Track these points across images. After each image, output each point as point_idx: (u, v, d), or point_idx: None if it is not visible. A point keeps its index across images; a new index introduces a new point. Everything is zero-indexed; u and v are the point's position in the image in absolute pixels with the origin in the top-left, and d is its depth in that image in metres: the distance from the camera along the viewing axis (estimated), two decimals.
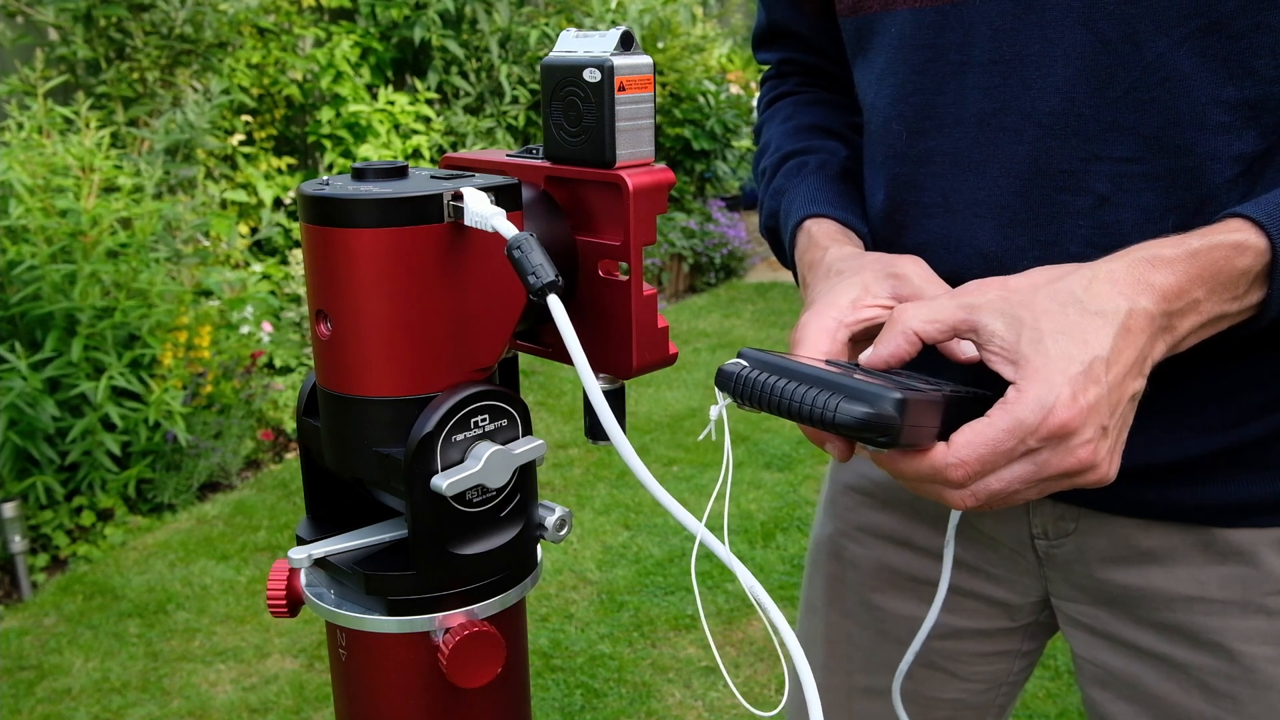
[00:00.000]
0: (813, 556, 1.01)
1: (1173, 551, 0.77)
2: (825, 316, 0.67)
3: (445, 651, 0.53)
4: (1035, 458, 0.56)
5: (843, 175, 0.86)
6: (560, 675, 2.35)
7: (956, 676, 0.93)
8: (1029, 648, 0.93)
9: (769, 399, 0.56)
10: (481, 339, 0.54)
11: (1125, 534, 0.79)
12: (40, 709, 2.22)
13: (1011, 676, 0.95)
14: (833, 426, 0.55)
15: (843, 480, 0.96)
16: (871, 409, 0.54)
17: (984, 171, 0.71)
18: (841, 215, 0.81)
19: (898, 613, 0.92)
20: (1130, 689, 0.82)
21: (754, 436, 3.65)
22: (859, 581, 0.95)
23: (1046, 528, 0.82)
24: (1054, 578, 0.85)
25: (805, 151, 0.88)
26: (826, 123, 0.92)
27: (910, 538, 0.90)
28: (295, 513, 3.07)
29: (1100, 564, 0.80)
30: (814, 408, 0.55)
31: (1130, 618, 0.81)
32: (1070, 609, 0.85)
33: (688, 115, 5.93)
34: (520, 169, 0.59)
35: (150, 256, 3.07)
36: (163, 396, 2.87)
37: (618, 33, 0.54)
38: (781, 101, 0.97)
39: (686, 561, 2.81)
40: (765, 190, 0.90)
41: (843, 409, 0.54)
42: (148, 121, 3.84)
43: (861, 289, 0.69)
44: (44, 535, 2.83)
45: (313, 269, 0.52)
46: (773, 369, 0.57)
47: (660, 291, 5.29)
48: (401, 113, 4.48)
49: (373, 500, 0.61)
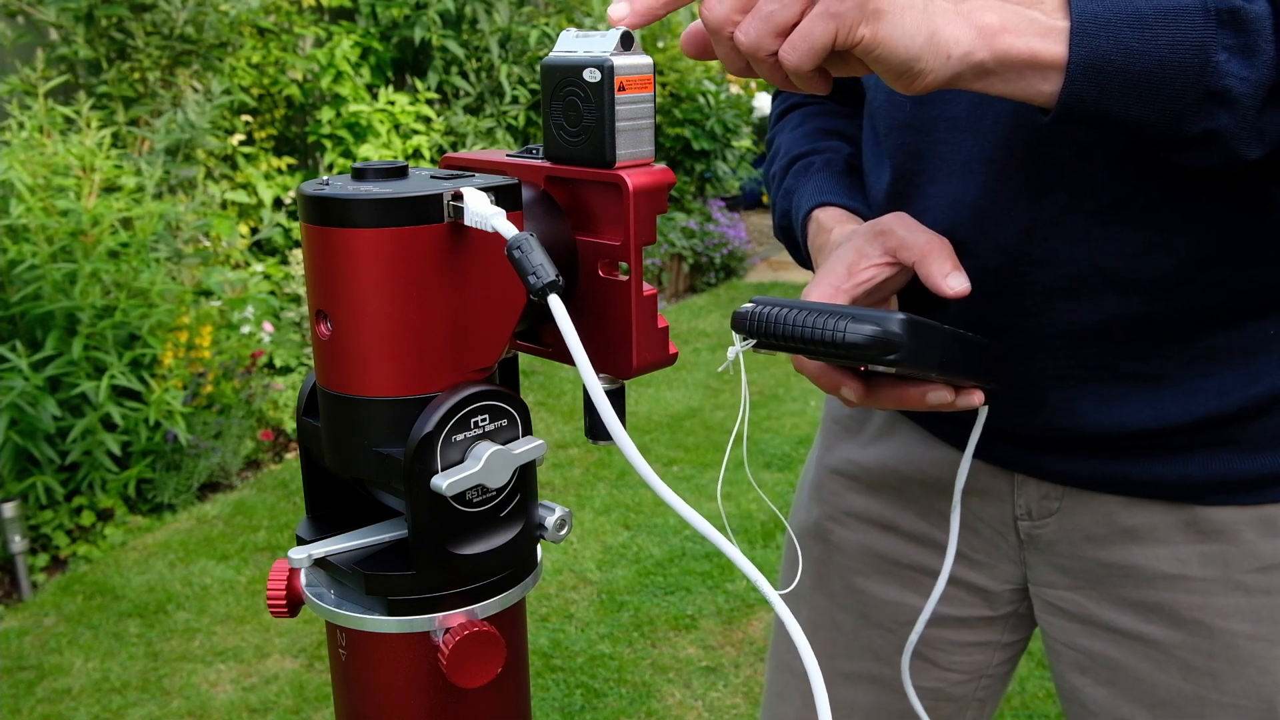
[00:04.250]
0: (798, 543, 1.02)
1: (1155, 530, 0.79)
2: (822, 284, 0.72)
3: (445, 651, 0.53)
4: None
5: (847, 170, 0.89)
6: (560, 675, 2.35)
7: (935, 665, 0.94)
8: (1009, 639, 0.94)
9: (783, 330, 0.61)
10: (481, 339, 0.54)
11: (1109, 512, 0.80)
12: (40, 709, 2.22)
13: (991, 669, 0.96)
14: (844, 347, 0.59)
15: (829, 465, 0.98)
16: (879, 327, 0.59)
17: (978, 130, 0.73)
18: (846, 202, 0.84)
19: (881, 597, 0.94)
20: (1109, 672, 0.83)
21: (754, 436, 3.65)
22: (844, 565, 0.96)
23: (1031, 507, 0.84)
24: (1034, 562, 0.86)
25: (811, 153, 0.92)
26: (832, 126, 0.95)
27: (896, 522, 0.92)
28: (295, 513, 3.07)
29: (1083, 542, 0.82)
30: (825, 330, 0.60)
31: (1109, 599, 0.82)
32: (1048, 594, 0.86)
33: (688, 115, 5.94)
34: (520, 169, 0.59)
35: (151, 256, 3.07)
36: (163, 396, 2.87)
37: (618, 33, 0.54)
38: (792, 112, 1.00)
39: (687, 561, 2.81)
40: (776, 193, 0.93)
41: (851, 329, 0.59)
42: (148, 121, 3.84)
43: (855, 254, 0.73)
44: (44, 535, 2.83)
45: (312, 269, 0.52)
46: (785, 305, 0.62)
47: (660, 291, 5.29)
48: (401, 113, 4.48)
49: (373, 500, 0.61)
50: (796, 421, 3.79)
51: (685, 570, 2.77)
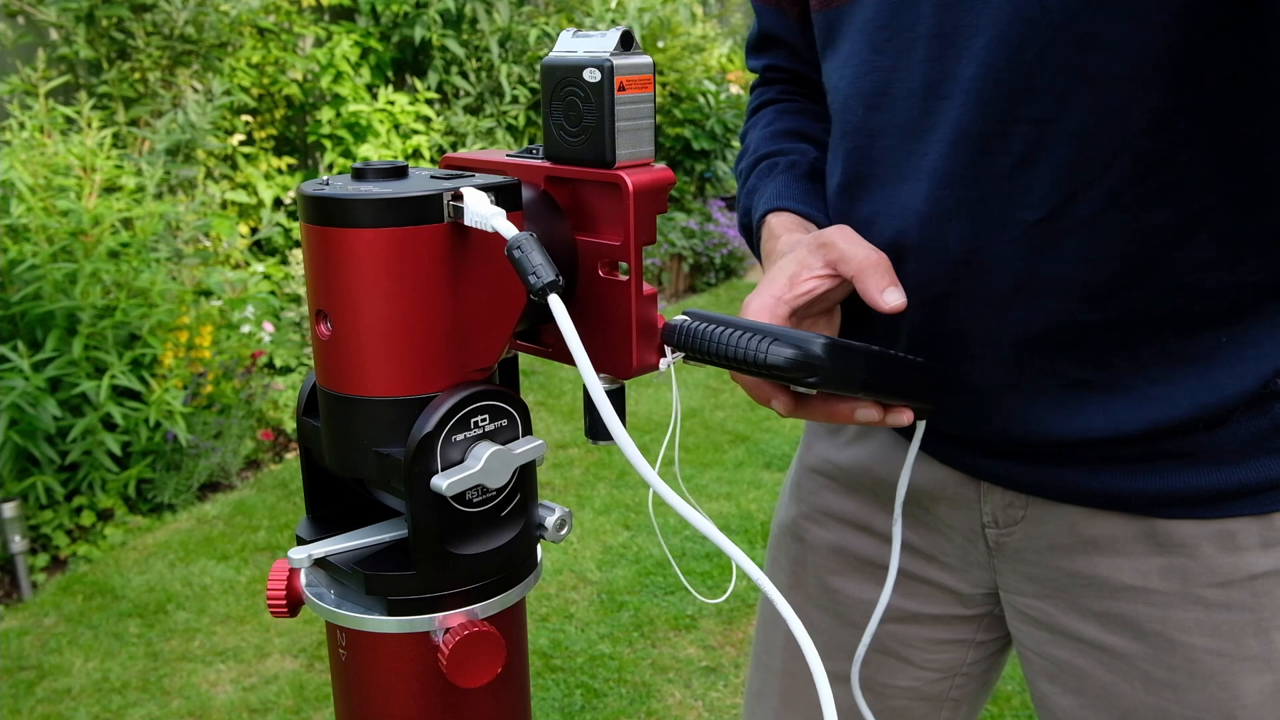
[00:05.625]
0: (776, 541, 1.02)
1: (1116, 541, 0.79)
2: (764, 295, 0.72)
3: (445, 651, 0.53)
4: None
5: (810, 174, 0.90)
6: (560, 675, 2.35)
7: (910, 663, 0.95)
8: (984, 638, 0.94)
9: (708, 346, 0.61)
10: (481, 339, 0.54)
11: (1072, 521, 0.80)
12: (40, 709, 2.22)
13: (965, 667, 0.96)
14: (764, 367, 0.60)
15: (807, 464, 0.98)
16: (799, 350, 0.59)
17: (927, 139, 0.74)
18: (801, 209, 0.85)
19: (854, 596, 0.94)
20: (1076, 681, 0.84)
21: (754, 436, 3.65)
22: (818, 564, 0.96)
23: (997, 515, 0.84)
24: (1003, 569, 0.87)
25: (778, 154, 0.92)
26: (802, 128, 0.95)
27: (870, 522, 0.92)
28: (295, 513, 3.07)
29: (1048, 551, 0.82)
30: (746, 350, 0.60)
31: (1075, 609, 0.82)
32: (1018, 602, 0.87)
33: (688, 115, 5.94)
34: (520, 169, 0.59)
35: (151, 256, 3.07)
36: (163, 396, 2.87)
37: (618, 32, 0.54)
38: (765, 109, 1.00)
39: (687, 561, 2.81)
40: (741, 190, 0.94)
41: (773, 350, 0.59)
42: (149, 121, 3.84)
43: (798, 265, 0.73)
44: (44, 535, 2.83)
45: (312, 269, 0.52)
46: (713, 321, 0.62)
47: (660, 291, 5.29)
48: (401, 113, 4.48)
49: (373, 500, 0.61)
50: (796, 422, 3.79)
51: (686, 570, 2.77)
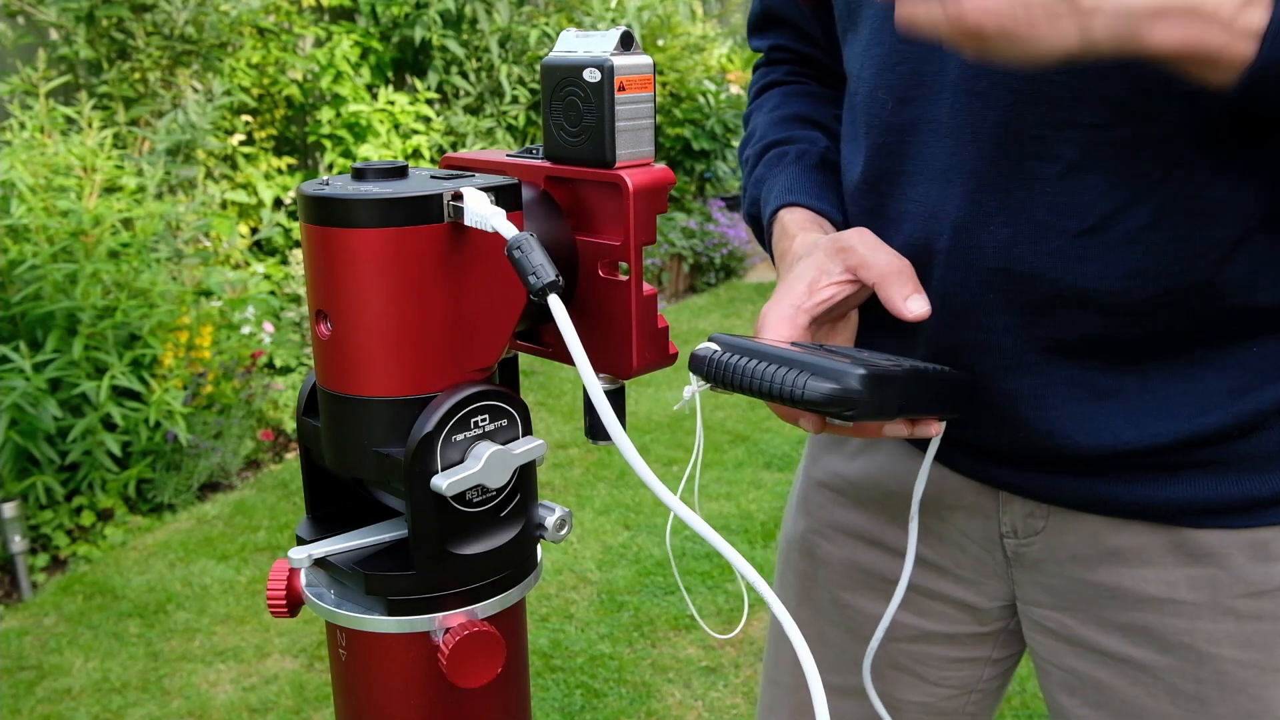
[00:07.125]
0: (784, 555, 1.00)
1: (1142, 552, 0.76)
2: (783, 304, 0.70)
3: (445, 651, 0.53)
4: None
5: (821, 165, 0.86)
6: (560, 675, 2.35)
7: (925, 680, 0.93)
8: (999, 655, 0.92)
9: (741, 380, 0.60)
10: (482, 339, 0.54)
11: (1095, 532, 0.78)
12: (40, 709, 2.22)
13: (981, 684, 0.94)
14: (801, 403, 0.58)
15: (815, 478, 0.96)
16: (837, 384, 0.58)
17: (959, 138, 0.71)
18: (815, 204, 0.82)
19: (867, 612, 0.92)
20: (1097, 694, 0.81)
21: (754, 436, 3.65)
22: (830, 580, 0.94)
23: (1016, 525, 0.82)
24: (1021, 580, 0.84)
25: (787, 141, 0.89)
26: (810, 113, 0.92)
27: (881, 537, 0.90)
28: (295, 513, 3.07)
29: (1070, 563, 0.80)
30: (783, 385, 0.59)
31: (1097, 621, 0.80)
32: (1036, 614, 0.84)
33: (688, 115, 5.93)
34: (520, 169, 0.59)
35: (151, 257, 3.07)
36: (163, 396, 2.87)
37: (618, 32, 0.54)
38: (770, 91, 0.97)
39: (687, 561, 2.81)
40: (748, 178, 0.91)
41: (810, 386, 0.58)
42: (149, 122, 3.84)
43: (817, 271, 0.71)
44: (44, 535, 2.83)
45: (312, 269, 0.52)
46: (743, 351, 0.61)
47: (660, 291, 5.29)
48: (401, 113, 4.48)
49: (373, 500, 0.61)
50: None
51: (685, 570, 2.77)
